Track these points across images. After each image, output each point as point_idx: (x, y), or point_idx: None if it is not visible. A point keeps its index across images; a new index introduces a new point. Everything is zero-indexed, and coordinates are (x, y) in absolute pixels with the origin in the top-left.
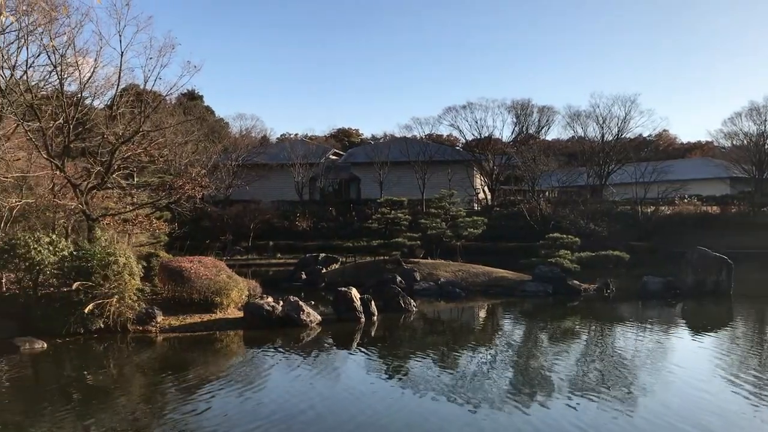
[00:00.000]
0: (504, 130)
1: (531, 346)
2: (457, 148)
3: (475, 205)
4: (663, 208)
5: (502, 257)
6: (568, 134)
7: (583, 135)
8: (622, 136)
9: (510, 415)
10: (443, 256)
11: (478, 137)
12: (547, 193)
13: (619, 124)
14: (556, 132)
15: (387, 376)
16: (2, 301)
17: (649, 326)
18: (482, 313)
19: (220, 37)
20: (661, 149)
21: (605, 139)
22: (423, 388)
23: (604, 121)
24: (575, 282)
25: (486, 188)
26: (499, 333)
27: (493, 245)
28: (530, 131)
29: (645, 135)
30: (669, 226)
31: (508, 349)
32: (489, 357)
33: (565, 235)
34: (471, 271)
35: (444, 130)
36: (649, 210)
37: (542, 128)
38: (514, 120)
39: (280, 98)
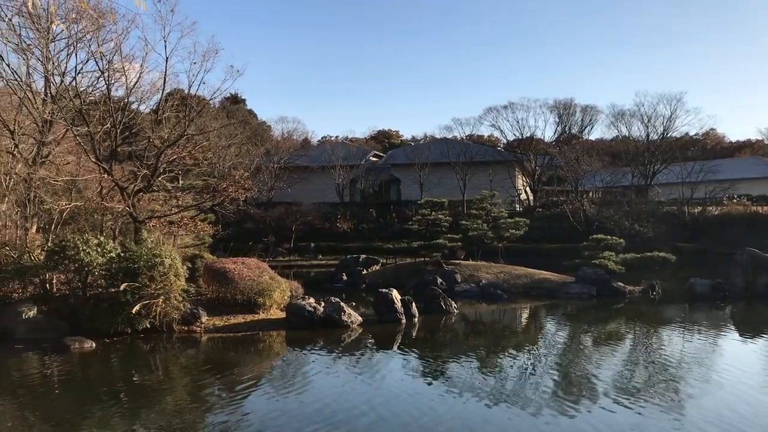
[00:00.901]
0: (546, 130)
1: (575, 349)
2: (499, 148)
3: (517, 206)
4: (711, 208)
5: (545, 259)
6: (611, 134)
7: (627, 134)
8: (668, 135)
9: (572, 419)
10: (484, 257)
11: (520, 137)
12: (590, 194)
13: (664, 123)
14: (599, 131)
15: (431, 377)
16: (53, 301)
17: (697, 329)
18: (525, 315)
19: (261, 40)
20: (709, 148)
21: (650, 138)
22: (469, 391)
23: (649, 120)
24: (620, 284)
25: (528, 189)
26: (543, 335)
27: (535, 246)
28: (573, 131)
29: (692, 134)
30: (717, 226)
31: (551, 351)
32: (533, 360)
33: (609, 236)
34: (513, 272)
35: (485, 131)
36: (696, 210)
37: (585, 128)
38: (557, 120)
39: (321, 101)
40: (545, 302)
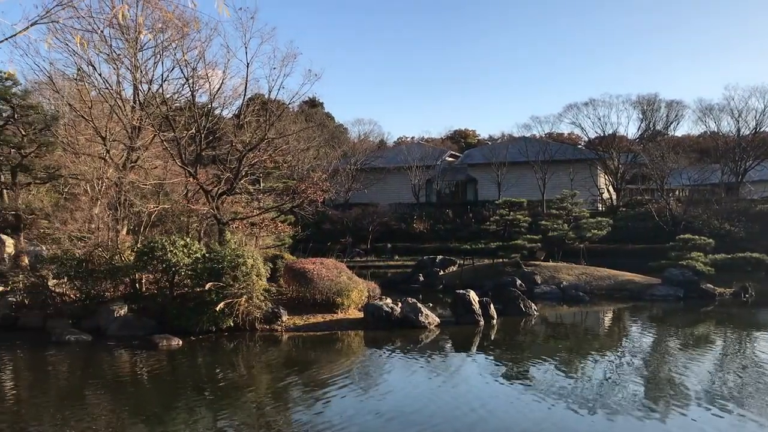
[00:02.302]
0: (629, 127)
1: (662, 353)
2: (579, 146)
3: (599, 205)
4: None
5: (629, 260)
6: (699, 129)
7: (716, 130)
8: (761, 129)
9: (661, 424)
10: (565, 258)
11: (602, 135)
12: (677, 192)
13: (756, 117)
14: (686, 127)
15: (510, 380)
16: (142, 300)
17: None
18: (608, 318)
19: (339, 44)
20: None
21: (741, 133)
22: (551, 394)
23: (739, 115)
24: (709, 286)
25: (610, 188)
26: (627, 339)
27: (618, 247)
28: (658, 127)
29: None
30: None
31: (636, 355)
32: (617, 364)
33: (697, 237)
34: (595, 274)
35: (565, 129)
36: None
37: (671, 124)
38: (640, 116)
39: (397, 102)
40: (629, 305)
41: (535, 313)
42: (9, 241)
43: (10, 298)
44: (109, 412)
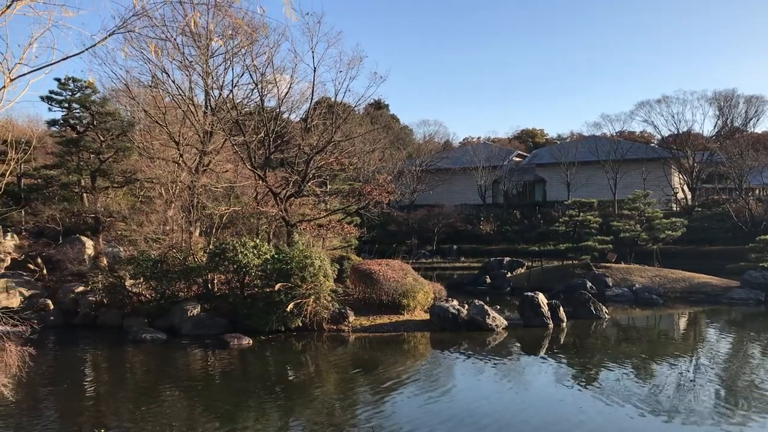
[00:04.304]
0: (705, 124)
1: (741, 359)
2: (652, 145)
3: (674, 205)
4: None
5: (705, 262)
6: None
7: None
8: None
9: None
10: (638, 260)
11: (676, 133)
12: (756, 192)
13: None
14: (766, 124)
15: (580, 384)
16: (214, 300)
17: None
18: (683, 322)
19: (403, 45)
20: None
21: None
22: (622, 399)
23: None
24: None
25: (685, 187)
26: (703, 343)
27: (694, 249)
28: (736, 124)
29: None
30: None
31: (714, 360)
32: (692, 368)
33: None
34: (669, 276)
35: (636, 127)
36: None
37: (750, 120)
38: (717, 112)
39: (463, 102)
40: (705, 308)
41: (607, 316)
42: (89, 243)
43: (90, 298)
44: (183, 408)
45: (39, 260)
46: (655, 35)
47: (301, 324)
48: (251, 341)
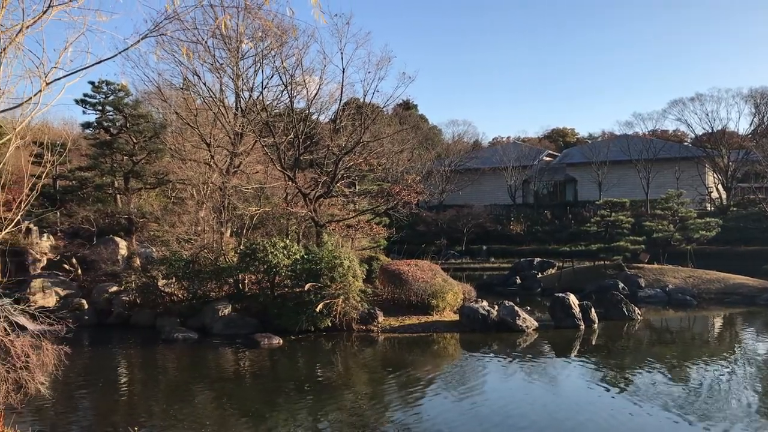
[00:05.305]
0: (740, 122)
1: None
2: (686, 144)
3: (708, 205)
4: None
5: (741, 262)
6: None
7: None
8: None
9: None
10: (671, 261)
11: (710, 131)
12: None
13: None
14: None
15: (612, 387)
16: (245, 300)
17: None
18: (718, 324)
19: (432, 44)
20: None
21: None
22: (655, 403)
23: None
24: None
25: (720, 186)
26: (739, 345)
27: (729, 249)
28: None
29: None
30: None
31: (750, 363)
32: (728, 371)
33: None
34: (704, 277)
35: (669, 125)
36: None
37: None
38: (753, 110)
39: (492, 101)
40: (741, 309)
41: (639, 317)
42: (122, 244)
43: (123, 297)
44: (214, 408)
45: (74, 260)
46: (688, 32)
47: (330, 324)
48: (281, 341)
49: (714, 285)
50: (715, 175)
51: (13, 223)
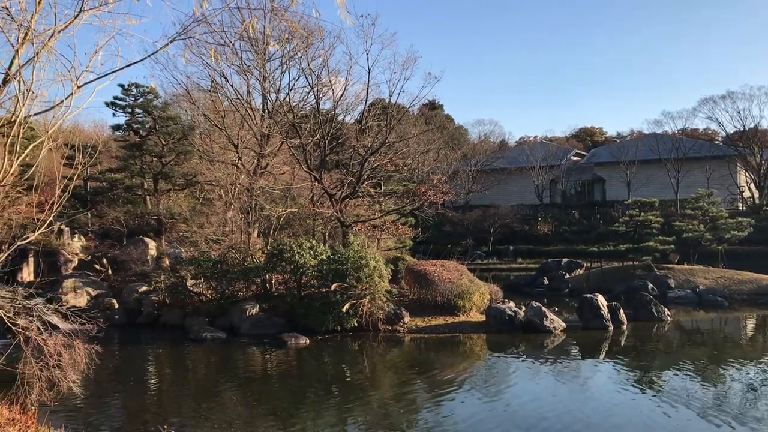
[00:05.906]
0: None
1: None
2: (716, 142)
3: (740, 204)
4: None
5: None
6: None
7: None
8: None
9: None
10: (701, 261)
11: (742, 129)
12: None
13: None
14: None
15: (641, 388)
16: (272, 299)
17: None
18: (750, 325)
19: (458, 44)
20: None
21: None
22: (687, 405)
23: None
24: None
25: (752, 185)
26: None
27: (762, 249)
28: None
29: None
30: None
31: None
32: (761, 374)
33: None
34: (735, 278)
35: (700, 124)
36: None
37: None
38: None
39: (518, 101)
40: None
41: (669, 318)
42: (152, 244)
43: (153, 297)
44: (242, 406)
45: (104, 261)
46: (718, 31)
47: (356, 324)
48: (308, 341)
49: (746, 286)
50: (747, 174)
51: (45, 224)
